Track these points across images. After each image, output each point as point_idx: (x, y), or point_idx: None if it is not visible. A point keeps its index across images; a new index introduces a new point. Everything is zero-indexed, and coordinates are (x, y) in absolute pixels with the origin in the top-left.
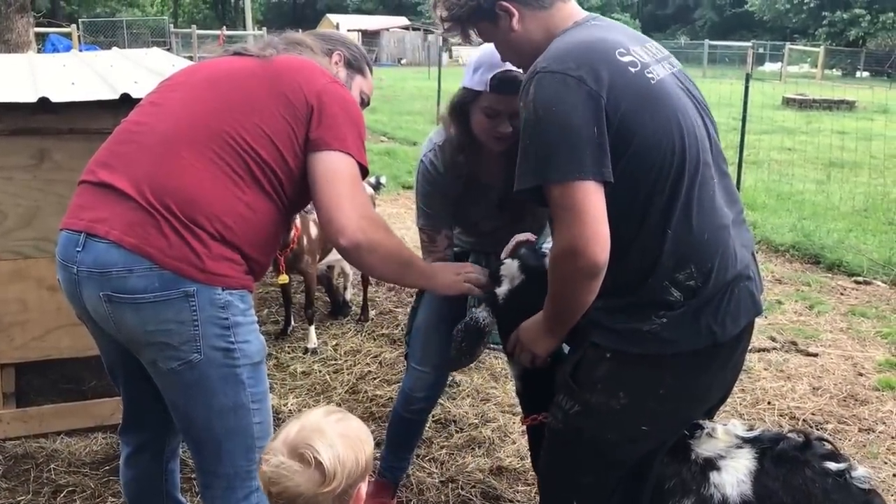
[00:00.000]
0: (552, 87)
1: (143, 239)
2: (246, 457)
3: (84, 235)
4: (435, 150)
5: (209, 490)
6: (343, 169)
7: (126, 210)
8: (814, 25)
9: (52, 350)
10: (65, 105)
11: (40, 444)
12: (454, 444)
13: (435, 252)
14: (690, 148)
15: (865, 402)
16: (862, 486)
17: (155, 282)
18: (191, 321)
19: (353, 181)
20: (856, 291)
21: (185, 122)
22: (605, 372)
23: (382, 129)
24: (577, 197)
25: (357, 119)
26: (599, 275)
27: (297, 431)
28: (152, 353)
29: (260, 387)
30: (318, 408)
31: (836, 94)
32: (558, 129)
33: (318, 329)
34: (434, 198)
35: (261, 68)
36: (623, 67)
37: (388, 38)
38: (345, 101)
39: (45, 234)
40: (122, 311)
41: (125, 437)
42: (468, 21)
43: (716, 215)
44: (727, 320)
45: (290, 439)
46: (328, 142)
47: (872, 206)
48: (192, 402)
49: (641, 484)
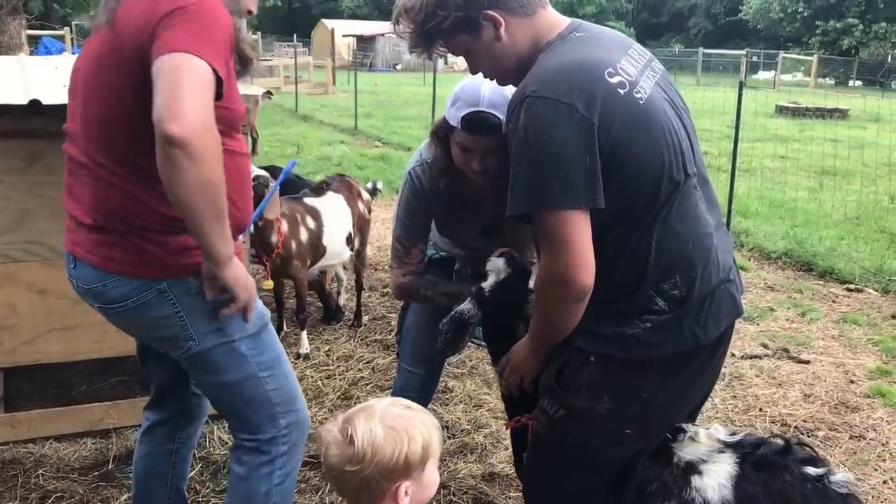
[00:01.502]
0: (544, 113)
1: (105, 257)
2: (270, 423)
3: (72, 256)
4: (423, 165)
5: (238, 450)
6: (184, 65)
7: (87, 233)
8: (807, 34)
9: (41, 354)
10: (56, 108)
11: (28, 449)
12: (446, 449)
13: (408, 265)
14: (676, 163)
15: (856, 409)
16: (840, 491)
17: (128, 290)
18: (175, 314)
19: (203, 81)
20: (847, 299)
21: (83, 143)
22: (590, 376)
23: (377, 134)
24: (567, 226)
25: (207, 20)
26: (585, 298)
27: (357, 408)
28: (158, 346)
29: (266, 354)
30: (400, 399)
31: (829, 103)
32: (551, 159)
33: (311, 335)
34: (416, 212)
35: (105, 44)
36: (613, 90)
37: (384, 43)
38: (195, 2)
39: (36, 238)
40: (115, 318)
41: (148, 411)
42: (448, 34)
43: (699, 224)
44: (709, 322)
45: (349, 412)
46: (165, 47)
47: (864, 214)
48: (207, 381)
49: (624, 487)
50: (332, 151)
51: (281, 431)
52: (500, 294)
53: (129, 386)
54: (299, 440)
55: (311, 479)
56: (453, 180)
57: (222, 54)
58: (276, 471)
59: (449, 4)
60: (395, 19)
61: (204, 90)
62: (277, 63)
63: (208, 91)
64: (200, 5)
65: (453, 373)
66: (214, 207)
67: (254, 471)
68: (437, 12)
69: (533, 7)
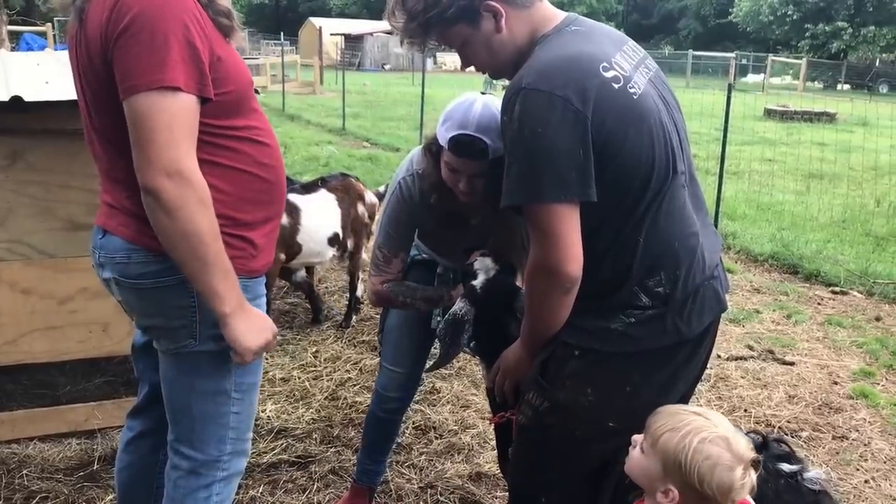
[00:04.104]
0: (538, 106)
1: (139, 230)
2: (217, 446)
3: (101, 229)
4: (414, 176)
5: (174, 470)
6: (144, 109)
7: (124, 215)
8: (796, 38)
9: (24, 355)
10: (38, 104)
11: (12, 449)
12: (433, 450)
13: (388, 273)
14: (667, 160)
15: (840, 410)
16: (812, 488)
17: (153, 268)
18: (189, 307)
19: (168, 118)
20: (833, 301)
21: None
22: (574, 369)
23: (365, 134)
24: (557, 219)
25: (157, 29)
26: (574, 289)
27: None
28: (154, 334)
29: (248, 378)
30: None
31: (817, 106)
32: (544, 152)
33: (298, 335)
34: (401, 222)
35: (80, 47)
36: (608, 85)
37: (372, 42)
38: (140, 11)
39: (18, 237)
40: (126, 295)
41: (132, 420)
42: (448, 23)
43: (685, 223)
44: (692, 318)
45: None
46: (124, 87)
47: (850, 217)
48: (178, 380)
49: (604, 477)
50: (319, 152)
51: (223, 456)
52: (493, 290)
53: (114, 386)
54: (238, 471)
55: (298, 479)
56: (444, 196)
57: (185, 59)
58: (213, 496)
59: None
60: (390, 10)
61: (172, 130)
62: (264, 61)
63: (180, 123)
64: (143, 14)
65: (440, 373)
66: (199, 258)
67: (189, 495)
68: (440, 1)
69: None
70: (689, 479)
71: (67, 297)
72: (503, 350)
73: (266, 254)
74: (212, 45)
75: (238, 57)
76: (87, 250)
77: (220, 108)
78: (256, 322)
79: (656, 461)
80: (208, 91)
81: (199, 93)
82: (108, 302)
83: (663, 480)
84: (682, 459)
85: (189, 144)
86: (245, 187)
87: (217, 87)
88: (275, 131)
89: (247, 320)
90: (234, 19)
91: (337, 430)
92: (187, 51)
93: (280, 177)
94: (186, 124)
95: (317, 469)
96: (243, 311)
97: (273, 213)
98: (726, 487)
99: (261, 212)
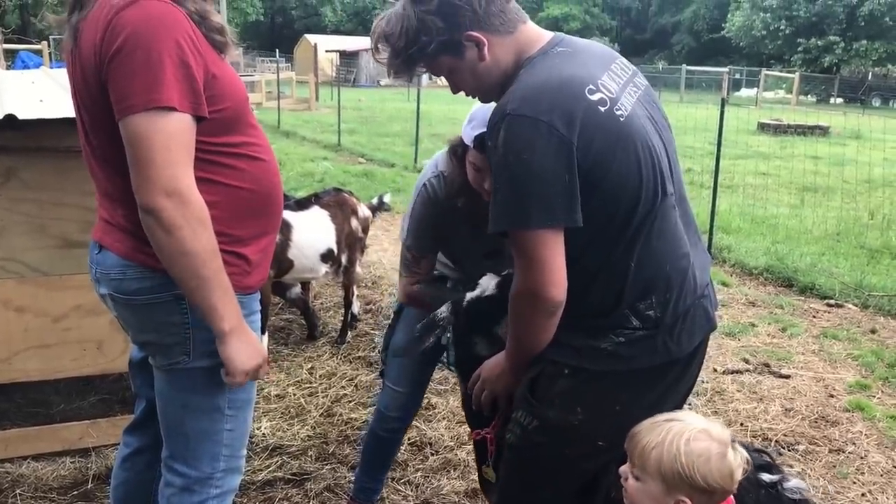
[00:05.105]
0: (523, 132)
1: (134, 247)
2: (210, 463)
3: (97, 244)
4: (440, 177)
5: (168, 487)
6: (141, 129)
7: (120, 231)
8: (789, 52)
9: (18, 373)
10: (32, 122)
11: (6, 468)
12: (429, 466)
13: (417, 273)
14: (655, 182)
15: (836, 423)
16: (793, 497)
17: (147, 284)
18: (182, 324)
19: (164, 137)
20: (828, 314)
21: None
22: (564, 388)
23: (361, 150)
24: (541, 245)
25: (152, 48)
26: (557, 313)
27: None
28: (148, 349)
29: (242, 395)
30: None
31: (811, 120)
32: (529, 178)
33: (294, 352)
34: (427, 223)
35: (75, 67)
36: (594, 108)
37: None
38: (133, 31)
39: (11, 255)
40: (121, 310)
41: (128, 436)
42: (431, 57)
43: (677, 245)
44: (682, 337)
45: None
46: (119, 108)
47: (845, 230)
48: (172, 396)
49: (594, 492)
50: (314, 168)
51: (216, 473)
52: (477, 309)
53: (108, 404)
54: (232, 488)
55: (294, 497)
56: (470, 199)
57: (179, 79)
58: None
59: (431, 29)
60: (374, 46)
61: (169, 149)
62: (259, 78)
63: (177, 143)
64: (137, 34)
65: (436, 389)
66: (199, 276)
67: None
68: (420, 38)
69: (514, 24)
70: (694, 482)
71: (61, 314)
72: (470, 367)
73: (261, 270)
74: (206, 62)
75: (233, 73)
76: (81, 268)
77: (216, 126)
78: (252, 344)
79: (656, 482)
80: (202, 110)
81: (193, 111)
82: (102, 319)
83: (670, 495)
84: (679, 468)
85: (186, 163)
86: (240, 203)
87: (213, 105)
88: (271, 147)
89: (244, 341)
90: (227, 35)
91: (332, 447)
92: (181, 70)
93: (276, 192)
94: (183, 143)
95: (312, 486)
96: (242, 331)
97: (268, 229)
98: (728, 473)
99: (255, 227)
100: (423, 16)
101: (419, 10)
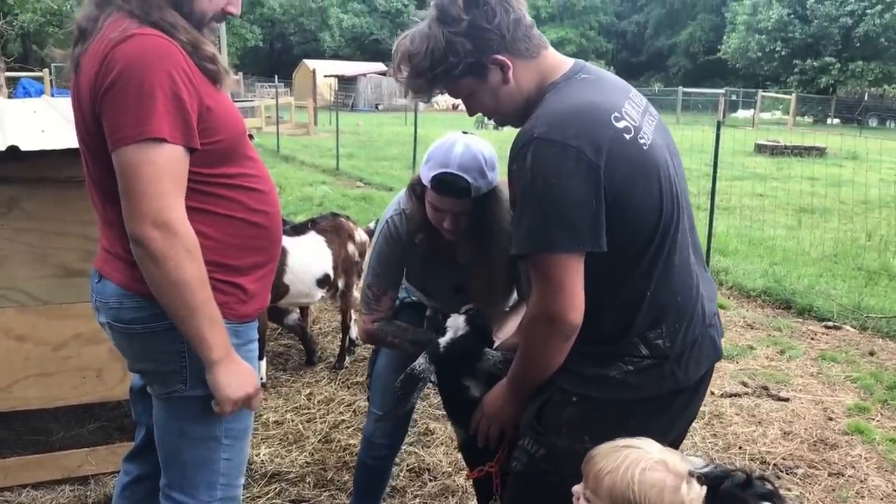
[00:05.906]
0: (551, 157)
1: (131, 277)
2: (207, 492)
3: (98, 272)
4: (401, 215)
5: None
6: (133, 161)
7: (118, 260)
8: (785, 73)
9: (18, 401)
10: (35, 153)
11: (5, 497)
12: (428, 492)
13: (378, 311)
14: (672, 212)
15: (835, 446)
16: None
17: (144, 314)
18: (178, 353)
19: (156, 170)
20: (826, 336)
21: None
22: (571, 415)
23: (359, 174)
24: (563, 268)
25: (145, 81)
26: (573, 336)
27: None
28: (146, 378)
29: (239, 424)
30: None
31: (807, 141)
32: (557, 202)
33: (292, 377)
34: (389, 260)
35: (75, 97)
36: (619, 135)
37: (366, 83)
38: (126, 65)
39: (13, 284)
40: (119, 339)
41: (128, 464)
42: (455, 79)
43: (689, 275)
44: (690, 366)
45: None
46: (112, 140)
47: (842, 251)
48: (169, 424)
49: None
50: (313, 192)
51: (213, 502)
52: (455, 351)
53: (107, 432)
54: None
55: None
56: (429, 235)
57: (170, 111)
58: None
59: (459, 51)
60: (396, 66)
61: (159, 181)
62: (259, 104)
63: (167, 174)
64: (130, 68)
65: (434, 414)
66: (186, 306)
67: None
68: (448, 58)
69: (538, 49)
70: None
71: (61, 343)
72: (468, 412)
73: (259, 299)
74: (201, 95)
75: (230, 106)
76: (81, 296)
77: (210, 157)
78: (242, 374)
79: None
80: (194, 142)
81: (185, 143)
82: (101, 348)
83: None
84: (630, 497)
85: (176, 195)
86: (236, 234)
87: (206, 137)
88: (269, 172)
89: (233, 370)
90: (219, 63)
91: (331, 474)
92: (173, 102)
93: (275, 223)
94: (173, 175)
95: None
96: (230, 361)
97: (266, 259)
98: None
99: (252, 257)
100: (452, 37)
101: (448, 31)
